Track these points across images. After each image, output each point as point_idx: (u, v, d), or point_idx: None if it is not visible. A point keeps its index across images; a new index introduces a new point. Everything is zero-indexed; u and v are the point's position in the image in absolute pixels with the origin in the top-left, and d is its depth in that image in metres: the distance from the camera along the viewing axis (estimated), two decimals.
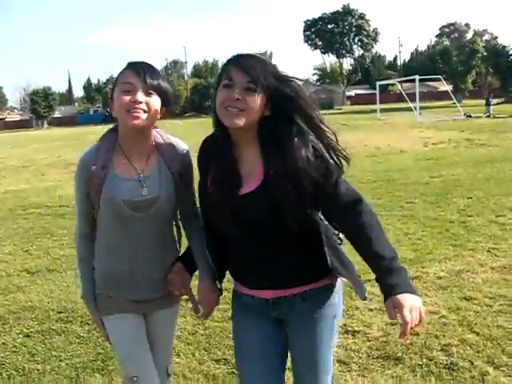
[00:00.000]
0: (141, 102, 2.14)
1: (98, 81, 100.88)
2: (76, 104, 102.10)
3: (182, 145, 2.36)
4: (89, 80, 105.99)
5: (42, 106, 75.33)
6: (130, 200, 2.20)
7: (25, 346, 4.25)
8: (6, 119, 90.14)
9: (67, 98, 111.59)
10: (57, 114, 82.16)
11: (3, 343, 4.33)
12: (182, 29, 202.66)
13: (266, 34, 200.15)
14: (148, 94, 2.15)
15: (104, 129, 2.43)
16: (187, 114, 65.62)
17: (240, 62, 1.99)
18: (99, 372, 3.77)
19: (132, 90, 2.13)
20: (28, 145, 30.50)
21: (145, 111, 2.15)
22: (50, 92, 78.14)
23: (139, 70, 2.16)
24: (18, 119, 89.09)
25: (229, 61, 2.03)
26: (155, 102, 2.18)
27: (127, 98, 2.13)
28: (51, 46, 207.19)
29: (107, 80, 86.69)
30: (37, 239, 7.32)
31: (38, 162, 19.14)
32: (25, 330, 4.53)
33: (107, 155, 2.23)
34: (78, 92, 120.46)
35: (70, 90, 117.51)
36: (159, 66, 78.79)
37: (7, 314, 4.89)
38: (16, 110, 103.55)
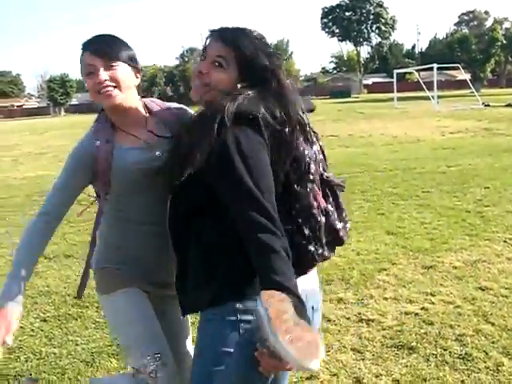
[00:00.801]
0: (105, 80, 2.08)
1: None
2: None
3: (179, 106, 2.33)
4: None
5: (59, 93, 75.69)
6: (142, 165, 2.13)
7: (42, 331, 4.31)
8: (24, 106, 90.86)
9: (84, 85, 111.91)
10: (74, 101, 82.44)
11: (21, 327, 4.37)
12: (199, 15, 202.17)
13: (283, 20, 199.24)
14: (110, 68, 2.09)
15: None
16: None
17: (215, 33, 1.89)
18: (114, 357, 3.80)
19: (94, 71, 2.08)
20: (45, 132, 30.73)
21: (115, 86, 2.09)
22: (67, 79, 78.41)
23: (93, 48, 2.09)
24: (36, 106, 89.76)
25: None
26: (121, 72, 2.11)
27: (91, 81, 2.09)
28: (68, 32, 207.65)
29: None
30: None
31: (56, 148, 19.26)
32: (42, 315, 4.58)
33: (107, 131, 2.19)
34: None
35: None
36: (176, 53, 78.54)
37: (24, 299, 4.92)
38: (33, 97, 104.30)
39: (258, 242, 1.57)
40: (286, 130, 1.72)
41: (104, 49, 2.09)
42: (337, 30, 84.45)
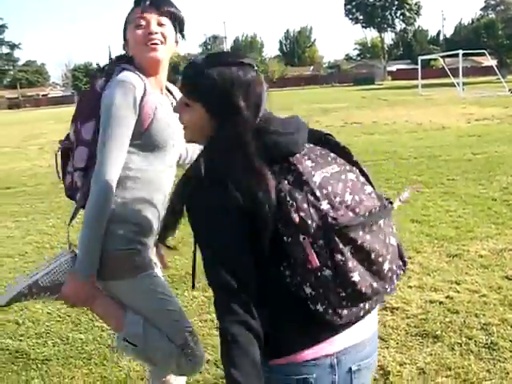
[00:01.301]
0: (156, 33, 2.10)
1: None
2: None
3: None
4: None
5: (83, 82, 76.26)
6: (173, 129, 2.16)
7: (69, 316, 4.37)
8: (49, 95, 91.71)
9: None
10: None
11: (48, 313, 4.46)
12: (221, 2, 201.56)
13: (305, 6, 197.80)
14: (161, 25, 2.12)
15: None
16: None
17: None
18: None
19: (144, 24, 2.10)
20: (70, 120, 30.83)
21: (161, 42, 2.12)
22: (91, 68, 79.04)
23: (147, 2, 2.12)
24: (60, 95, 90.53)
25: None
26: (169, 30, 2.16)
27: (141, 31, 2.10)
28: (91, 22, 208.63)
29: None
30: (79, 213, 7.39)
31: None
32: None
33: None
34: None
35: None
36: (198, 41, 78.63)
37: None
38: (58, 86, 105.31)
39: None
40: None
41: (161, 3, 2.12)
42: (360, 17, 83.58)
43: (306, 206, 1.44)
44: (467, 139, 12.91)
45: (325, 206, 1.45)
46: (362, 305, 1.52)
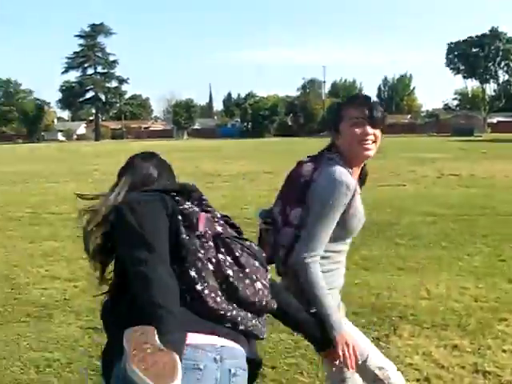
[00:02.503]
0: (371, 134, 2.35)
1: (238, 95, 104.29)
2: (215, 117, 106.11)
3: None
4: (229, 95, 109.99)
5: (183, 118, 79.22)
6: (361, 216, 2.45)
7: None
8: (150, 128, 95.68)
9: (207, 110, 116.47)
10: (196, 126, 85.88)
11: None
12: (321, 48, 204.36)
13: (405, 55, 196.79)
14: (374, 126, 2.36)
15: (240, 141, 2.55)
16: (322, 134, 65.89)
17: None
18: None
19: (361, 123, 2.33)
20: (168, 153, 31.98)
21: (373, 141, 2.37)
22: (191, 104, 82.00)
23: (365, 105, 2.36)
24: (161, 129, 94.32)
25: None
26: (379, 132, 2.39)
27: (358, 130, 2.34)
28: (194, 61, 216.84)
29: (246, 95, 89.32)
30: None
31: (178, 170, 19.95)
32: None
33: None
34: (218, 105, 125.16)
35: (210, 103, 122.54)
36: (297, 84, 79.72)
37: None
38: (159, 120, 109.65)
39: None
40: None
41: (374, 109, 2.36)
42: (462, 67, 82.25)
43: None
44: None
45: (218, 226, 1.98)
46: (240, 314, 1.85)
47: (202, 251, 1.83)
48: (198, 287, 1.79)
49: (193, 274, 1.80)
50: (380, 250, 7.55)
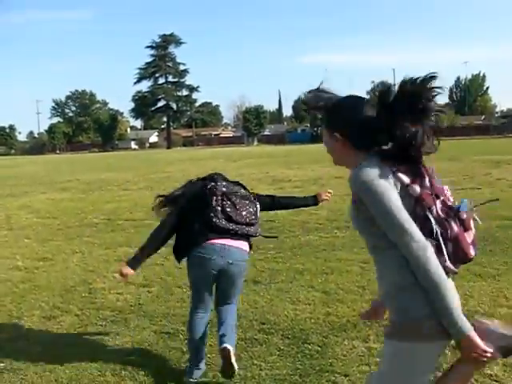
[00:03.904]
0: None
1: None
2: (285, 123, 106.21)
3: None
4: (298, 100, 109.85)
5: (253, 124, 79.61)
6: None
7: None
8: (221, 135, 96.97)
9: (277, 116, 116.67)
10: (266, 132, 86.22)
11: (210, 345, 4.61)
12: (391, 50, 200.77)
13: (479, 54, 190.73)
14: None
15: (310, 147, 2.55)
16: None
17: None
18: None
19: None
20: (238, 160, 32.38)
21: None
22: (261, 110, 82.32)
23: None
24: (231, 135, 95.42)
25: None
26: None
27: None
28: (265, 67, 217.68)
29: None
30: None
31: (247, 176, 20.16)
32: None
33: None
34: (287, 111, 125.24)
35: (279, 109, 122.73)
36: (366, 87, 78.99)
37: None
38: (229, 127, 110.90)
39: None
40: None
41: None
42: None
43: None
44: None
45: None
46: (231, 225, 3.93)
47: (214, 202, 3.93)
48: (213, 219, 3.89)
49: (211, 214, 3.91)
50: None
